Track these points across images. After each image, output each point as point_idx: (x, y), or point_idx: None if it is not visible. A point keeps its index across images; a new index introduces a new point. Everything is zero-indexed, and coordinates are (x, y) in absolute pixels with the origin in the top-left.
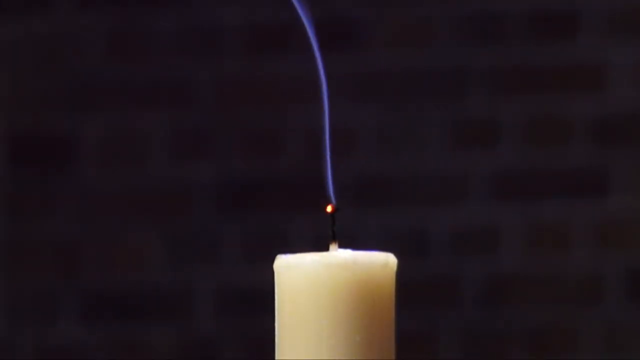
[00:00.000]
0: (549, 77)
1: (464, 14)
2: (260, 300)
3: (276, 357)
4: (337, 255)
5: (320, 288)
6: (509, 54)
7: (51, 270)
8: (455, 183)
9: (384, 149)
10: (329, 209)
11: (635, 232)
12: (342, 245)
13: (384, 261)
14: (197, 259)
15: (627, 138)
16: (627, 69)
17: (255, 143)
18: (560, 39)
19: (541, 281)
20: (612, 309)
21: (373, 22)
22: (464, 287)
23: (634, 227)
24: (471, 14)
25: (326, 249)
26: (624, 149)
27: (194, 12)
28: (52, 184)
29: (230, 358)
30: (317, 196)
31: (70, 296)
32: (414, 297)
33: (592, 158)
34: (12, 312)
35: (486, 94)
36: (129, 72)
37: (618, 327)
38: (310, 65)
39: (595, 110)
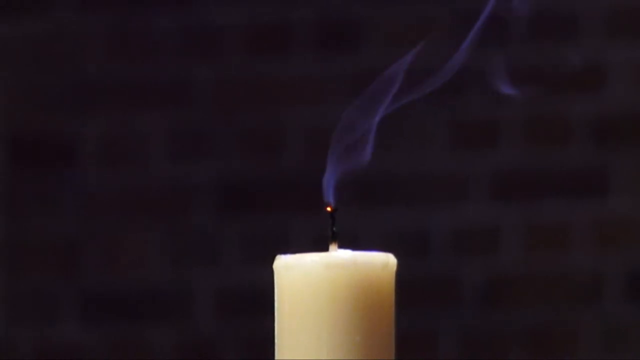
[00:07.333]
0: (549, 77)
1: (464, 14)
2: (260, 300)
3: (276, 358)
4: (337, 255)
5: (320, 288)
6: (509, 54)
7: (51, 270)
8: (455, 183)
9: (384, 148)
10: (328, 208)
11: (635, 232)
12: (342, 245)
13: (384, 261)
14: (197, 259)
15: (627, 138)
16: (627, 69)
17: (255, 143)
18: (560, 39)
19: (541, 281)
20: (611, 309)
21: (371, 22)
22: (464, 287)
23: (633, 227)
24: (471, 14)
25: (326, 249)
26: (624, 149)
27: (194, 12)
28: (52, 184)
29: (230, 358)
30: (317, 196)
31: (70, 296)
32: (414, 297)
33: (592, 158)
34: (12, 312)
35: (486, 94)
36: (129, 72)
37: (618, 327)
38: (309, 65)
39: (595, 110)
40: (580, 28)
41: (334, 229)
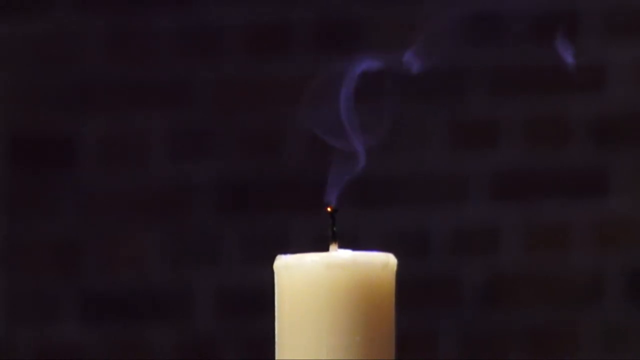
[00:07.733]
0: (549, 77)
1: (464, 14)
2: (260, 300)
3: (276, 357)
4: (337, 255)
5: (320, 288)
6: (509, 54)
7: (51, 270)
8: (455, 183)
9: (384, 148)
10: (328, 209)
11: (635, 232)
12: (342, 245)
13: (384, 261)
14: (197, 259)
15: (627, 138)
16: (627, 69)
17: (255, 143)
18: (560, 39)
19: (541, 281)
20: (611, 309)
21: (371, 22)
22: (464, 287)
23: (633, 227)
24: (471, 14)
25: (326, 249)
26: (624, 149)
27: (194, 12)
28: (52, 184)
29: (230, 358)
30: (317, 196)
31: (70, 296)
32: (414, 297)
33: (592, 158)
34: (12, 312)
35: (486, 94)
36: (129, 72)
37: (617, 327)
38: (309, 65)
39: (595, 110)
40: (580, 28)
41: (334, 229)
